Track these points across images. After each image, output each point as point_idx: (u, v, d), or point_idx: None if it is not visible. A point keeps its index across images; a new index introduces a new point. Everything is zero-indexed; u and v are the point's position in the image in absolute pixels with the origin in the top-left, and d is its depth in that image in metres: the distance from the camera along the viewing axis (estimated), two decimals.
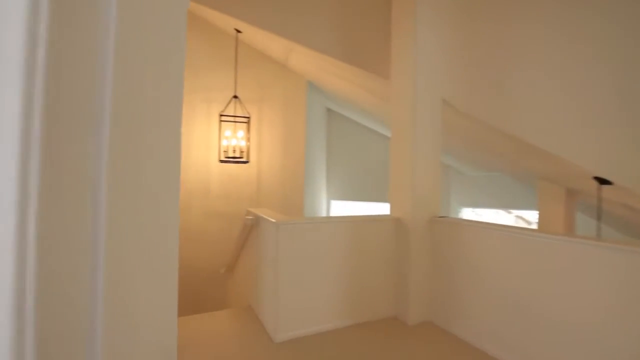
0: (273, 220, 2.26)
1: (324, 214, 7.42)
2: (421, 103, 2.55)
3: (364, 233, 2.53)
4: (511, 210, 5.68)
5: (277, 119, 4.82)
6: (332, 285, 2.40)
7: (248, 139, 4.18)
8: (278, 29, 3.47)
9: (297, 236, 2.30)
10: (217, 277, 4.10)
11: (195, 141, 4.59)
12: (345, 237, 2.45)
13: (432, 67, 2.60)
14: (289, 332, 2.23)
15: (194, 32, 4.27)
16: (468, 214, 6.16)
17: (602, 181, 2.85)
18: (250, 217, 2.78)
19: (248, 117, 4.15)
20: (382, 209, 7.15)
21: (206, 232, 4.52)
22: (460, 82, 2.80)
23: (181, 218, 4.26)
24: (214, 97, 4.50)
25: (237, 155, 4.07)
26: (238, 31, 4.10)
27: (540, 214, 4.29)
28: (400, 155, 2.66)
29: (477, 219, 5.49)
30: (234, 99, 4.12)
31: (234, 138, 4.07)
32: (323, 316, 2.36)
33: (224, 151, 4.02)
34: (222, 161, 4.05)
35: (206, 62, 4.55)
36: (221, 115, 4.00)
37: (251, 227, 2.92)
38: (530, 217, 5.42)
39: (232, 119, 4.06)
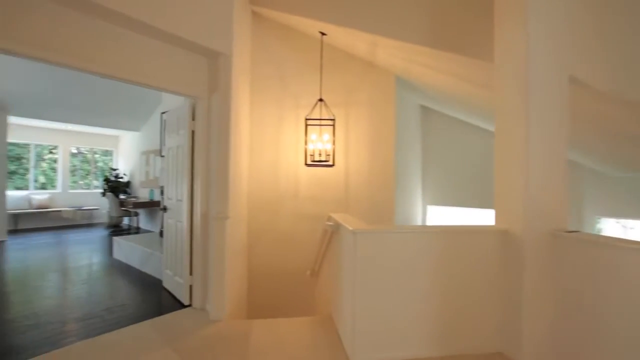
0: (350, 228, 2.07)
1: (419, 221, 6.86)
2: (537, 84, 2.01)
3: (461, 246, 2.12)
4: None
5: (364, 120, 4.62)
6: (421, 307, 2.07)
7: (333, 142, 4.09)
8: (364, 26, 3.29)
9: (378, 246, 2.05)
10: (305, 279, 4.11)
11: (284, 146, 4.71)
12: (437, 251, 2.09)
13: (552, 36, 2.04)
14: (368, 353, 1.99)
15: (282, 41, 4.40)
16: (611, 226, 4.85)
17: None
18: (331, 223, 2.64)
19: (333, 119, 4.06)
20: (488, 216, 6.23)
21: (296, 233, 4.58)
22: (597, 52, 2.13)
23: (272, 219, 4.39)
24: (301, 103, 4.56)
25: (323, 158, 4.01)
26: (323, 34, 4.06)
27: None
28: (508, 152, 2.15)
29: (625, 236, 4.25)
30: (319, 102, 4.09)
31: (320, 141, 4.03)
32: (409, 341, 2.04)
33: (310, 155, 4.00)
34: (308, 165, 4.04)
35: (294, 69, 4.64)
36: (307, 119, 4.01)
37: (332, 233, 2.78)
38: None
39: (317, 122, 4.03)
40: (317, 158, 4.00)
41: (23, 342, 2.49)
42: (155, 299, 3.46)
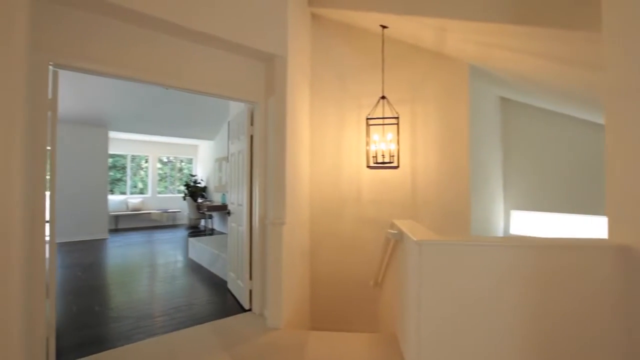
0: (414, 238, 1.78)
1: (500, 229, 6.05)
2: None
3: (563, 266, 1.67)
4: None
5: (433, 117, 4.20)
6: (506, 344, 1.68)
7: (397, 142, 3.76)
8: (430, 10, 2.95)
9: (449, 261, 1.73)
10: (368, 289, 3.85)
11: (346, 148, 4.52)
12: (529, 271, 1.68)
13: None
14: None
15: (342, 41, 4.23)
16: None
17: None
18: (394, 232, 2.36)
19: (397, 117, 3.75)
20: (589, 224, 5.20)
21: (358, 238, 4.35)
22: None
23: (334, 223, 4.22)
24: (363, 103, 4.33)
25: (387, 160, 3.72)
26: (384, 27, 3.79)
27: None
28: (626, 146, 1.64)
29: None
30: (381, 100, 3.81)
31: (383, 142, 3.75)
32: None
33: (372, 156, 3.75)
34: (370, 167, 3.79)
35: (354, 69, 4.44)
36: (368, 119, 3.76)
37: (395, 242, 2.50)
38: None
39: (380, 121, 3.76)
40: (379, 160, 3.72)
41: (103, 333, 2.71)
42: (219, 300, 3.54)
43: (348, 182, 4.54)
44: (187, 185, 9.50)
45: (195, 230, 8.77)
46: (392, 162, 3.71)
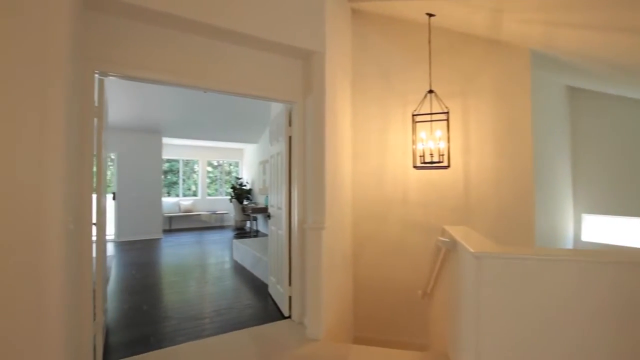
0: (472, 250, 1.52)
1: (570, 236, 5.36)
2: None
3: None
4: None
5: (488, 111, 3.80)
6: None
7: (448, 139, 3.44)
8: None
9: (512, 278, 1.45)
10: (416, 299, 3.56)
11: (391, 148, 4.26)
12: (604, 287, 1.36)
13: None
14: None
15: (384, 36, 4.00)
16: None
17: None
18: (446, 240, 2.10)
19: (446, 112, 3.43)
20: None
21: (404, 242, 4.07)
22: None
23: (379, 226, 3.99)
24: (408, 100, 4.06)
25: (436, 159, 3.41)
26: (430, 15, 3.49)
27: None
28: None
29: None
30: (428, 95, 3.51)
31: (431, 139, 3.45)
32: None
33: (419, 156, 3.46)
34: (417, 167, 3.51)
35: (398, 64, 4.18)
36: (414, 115, 3.49)
37: (447, 252, 2.23)
38: None
39: (427, 117, 3.47)
40: (427, 159, 3.43)
41: (149, 333, 2.77)
42: (259, 304, 3.49)
43: (393, 183, 4.28)
44: (233, 188, 9.79)
45: (241, 232, 8.99)
46: (441, 162, 3.40)
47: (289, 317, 3.02)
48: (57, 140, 1.58)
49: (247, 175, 10.72)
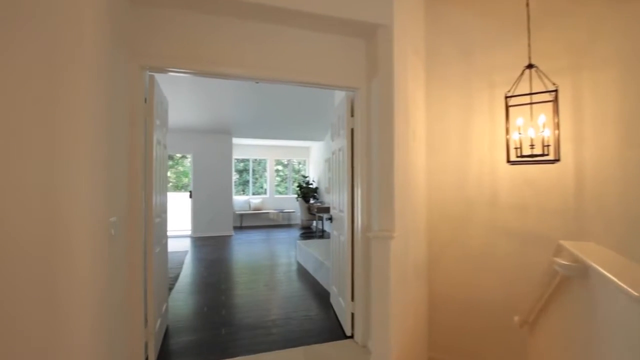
0: (632, 291, 0.94)
1: None
2: None
3: None
4: None
5: (612, 88, 2.89)
6: None
7: (557, 125, 2.67)
8: None
9: None
10: (507, 324, 2.87)
11: (475, 140, 3.58)
12: None
13: None
14: None
15: (464, 7, 3.34)
16: None
17: None
18: (565, 263, 1.49)
19: (554, 91, 2.66)
20: None
21: (491, 253, 3.36)
22: None
23: (459, 231, 3.34)
24: (496, 81, 3.33)
25: (538, 151, 2.67)
26: None
27: None
28: None
29: None
30: (527, 70, 2.77)
31: (531, 127, 2.71)
32: None
33: (515, 147, 2.75)
34: (512, 162, 2.80)
35: (482, 39, 3.46)
36: (508, 97, 2.79)
37: (564, 279, 1.60)
38: None
39: (526, 99, 2.74)
40: (526, 151, 2.70)
41: (204, 340, 2.65)
42: (319, 316, 3.17)
43: (477, 181, 3.57)
44: (299, 187, 9.74)
45: (307, 231, 8.88)
46: (546, 154, 2.65)
47: (351, 336, 2.63)
48: (77, 137, 1.42)
49: (314, 174, 10.60)
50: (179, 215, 9.92)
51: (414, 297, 2.75)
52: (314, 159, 10.69)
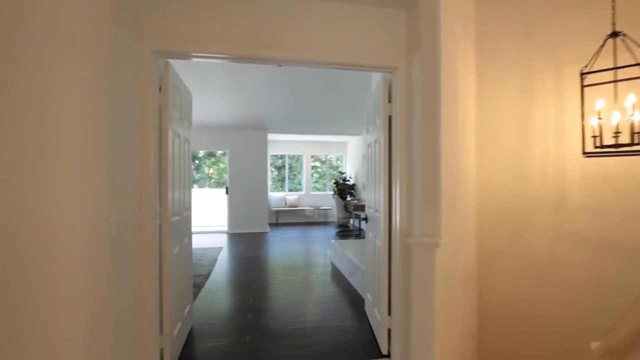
0: None
1: None
2: None
3: None
4: None
5: None
6: None
7: None
8: None
9: None
10: (578, 349, 2.36)
11: (536, 127, 3.04)
12: None
13: None
14: None
15: None
16: None
17: None
18: None
19: None
20: None
21: (557, 263, 2.82)
22: None
23: (516, 237, 2.83)
24: (564, 57, 2.78)
25: (625, 141, 2.13)
26: None
27: None
28: None
29: None
30: (610, 40, 2.23)
31: (616, 109, 2.17)
32: None
33: (593, 136, 2.23)
34: (588, 154, 2.28)
35: (547, 6, 2.90)
36: (583, 74, 2.26)
37: None
38: None
39: (608, 75, 2.20)
40: (607, 141, 2.17)
41: (228, 347, 2.46)
42: (352, 327, 2.86)
43: (540, 178, 3.03)
44: (336, 183, 9.45)
45: (343, 230, 8.57)
46: (637, 143, 2.11)
47: (387, 355, 2.30)
48: (65, 129, 1.24)
49: (351, 170, 10.25)
50: (218, 211, 10.08)
51: (462, 315, 2.35)
52: (351, 154, 10.34)
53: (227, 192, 8.06)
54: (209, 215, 9.89)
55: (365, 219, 3.05)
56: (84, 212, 1.29)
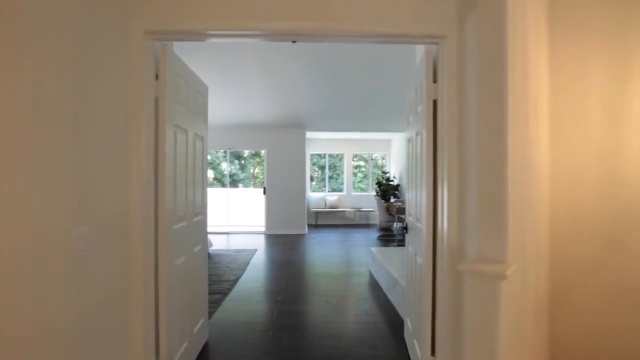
0: None
1: None
2: None
3: None
4: None
5: None
6: None
7: None
8: None
9: None
10: None
11: (634, 117, 2.31)
12: None
13: None
14: None
15: None
16: None
17: None
18: None
19: None
20: None
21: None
22: None
23: (606, 254, 2.14)
24: None
25: None
26: None
27: None
28: None
29: None
30: None
31: None
32: None
33: None
34: None
35: None
36: None
37: None
38: None
39: None
40: None
41: None
42: (387, 358, 2.39)
43: (638, 181, 2.28)
44: (378, 183, 8.89)
45: (386, 234, 7.99)
46: None
47: None
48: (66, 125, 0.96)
49: (395, 169, 9.61)
50: (256, 212, 10.02)
51: (531, 354, 1.78)
52: (395, 152, 9.70)
53: (264, 193, 7.91)
54: (249, 215, 9.87)
55: (405, 228, 2.56)
56: (25, 228, 1.01)
